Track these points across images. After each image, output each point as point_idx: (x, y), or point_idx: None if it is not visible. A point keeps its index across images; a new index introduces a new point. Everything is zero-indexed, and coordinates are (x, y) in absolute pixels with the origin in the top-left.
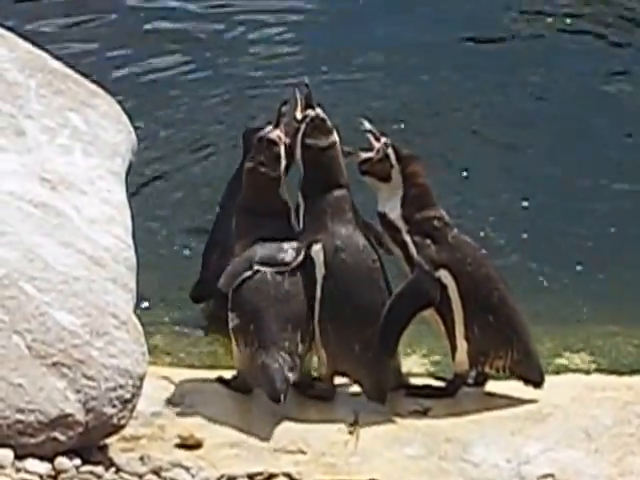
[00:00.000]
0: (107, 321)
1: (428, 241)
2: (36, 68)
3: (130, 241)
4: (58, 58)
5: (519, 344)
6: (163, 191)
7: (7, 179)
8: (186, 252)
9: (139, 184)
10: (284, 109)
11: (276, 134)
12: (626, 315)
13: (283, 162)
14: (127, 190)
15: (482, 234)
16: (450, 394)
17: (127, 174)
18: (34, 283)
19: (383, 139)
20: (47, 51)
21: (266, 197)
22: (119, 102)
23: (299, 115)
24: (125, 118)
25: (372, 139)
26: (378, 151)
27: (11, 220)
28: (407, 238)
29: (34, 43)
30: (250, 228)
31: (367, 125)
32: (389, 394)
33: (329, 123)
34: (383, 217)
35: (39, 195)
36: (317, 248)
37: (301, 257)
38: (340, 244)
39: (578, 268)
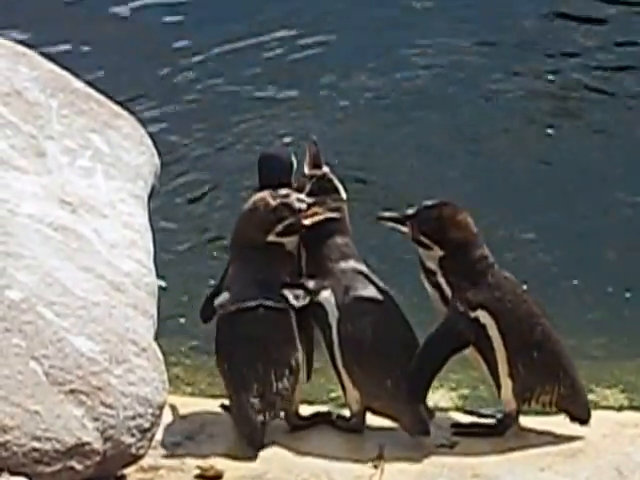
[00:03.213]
0: (127, 348)
1: (465, 282)
2: (58, 88)
3: (152, 266)
4: (80, 77)
5: (566, 379)
6: (187, 214)
7: (26, 201)
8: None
9: (163, 206)
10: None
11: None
12: None
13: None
14: (149, 214)
15: None
16: (500, 433)
17: (149, 197)
18: (52, 308)
19: (408, 223)
20: (69, 70)
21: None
22: (142, 123)
23: (307, 171)
24: (148, 140)
25: (399, 227)
26: (412, 232)
27: (30, 243)
28: (441, 280)
29: (56, 62)
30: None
31: (387, 221)
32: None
33: (336, 182)
34: (420, 260)
35: (59, 218)
36: (326, 294)
37: (304, 302)
38: (349, 285)
39: (614, 303)
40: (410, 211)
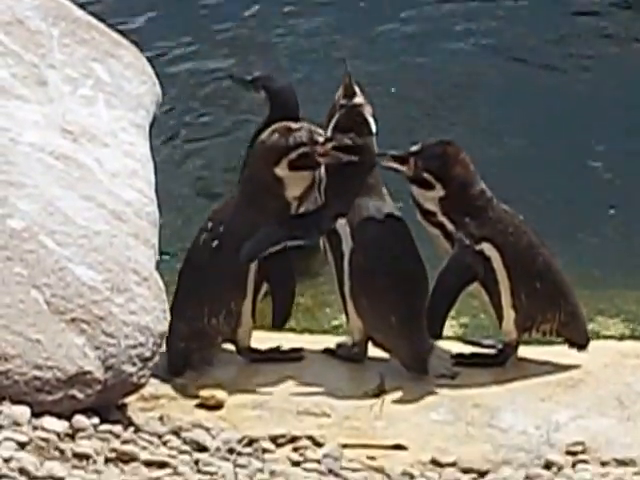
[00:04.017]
0: (128, 277)
1: (467, 218)
2: (59, 16)
3: (153, 195)
4: (82, 6)
5: (566, 306)
6: (188, 144)
7: (28, 130)
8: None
9: (163, 137)
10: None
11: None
12: None
13: None
14: (150, 143)
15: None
16: (500, 363)
17: (151, 127)
18: (54, 237)
19: (411, 160)
20: None
21: None
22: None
23: (342, 101)
24: (150, 69)
25: (399, 166)
26: (414, 169)
27: (31, 172)
28: (443, 218)
29: None
30: None
31: (389, 161)
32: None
33: (367, 115)
34: (417, 202)
35: (60, 147)
36: (342, 222)
37: (322, 232)
38: (367, 216)
39: (615, 232)
40: (413, 148)
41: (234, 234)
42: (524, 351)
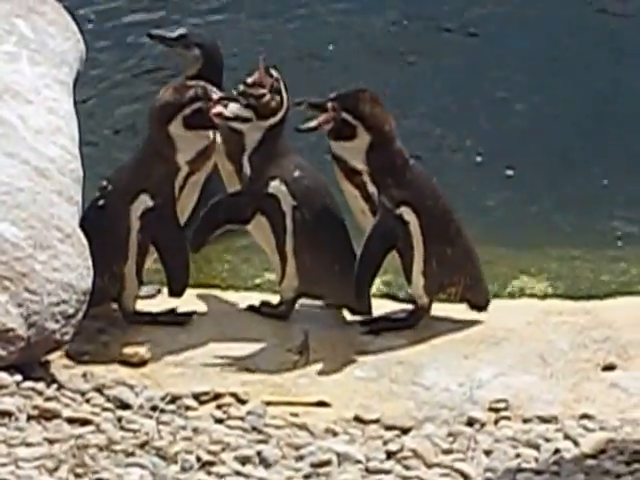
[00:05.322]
0: (51, 234)
1: (389, 179)
2: None
3: (77, 152)
4: None
5: (472, 271)
6: (114, 98)
7: None
8: None
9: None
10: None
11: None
12: (584, 239)
13: None
14: (74, 100)
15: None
16: (410, 326)
17: (75, 83)
18: None
19: (329, 105)
20: None
21: None
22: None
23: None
24: (74, 26)
25: (319, 118)
26: (333, 114)
27: None
28: (367, 179)
29: None
30: None
31: (309, 109)
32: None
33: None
34: (341, 159)
35: None
36: (276, 184)
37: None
38: (298, 171)
39: (537, 191)
40: (331, 95)
41: (118, 195)
42: (447, 309)
